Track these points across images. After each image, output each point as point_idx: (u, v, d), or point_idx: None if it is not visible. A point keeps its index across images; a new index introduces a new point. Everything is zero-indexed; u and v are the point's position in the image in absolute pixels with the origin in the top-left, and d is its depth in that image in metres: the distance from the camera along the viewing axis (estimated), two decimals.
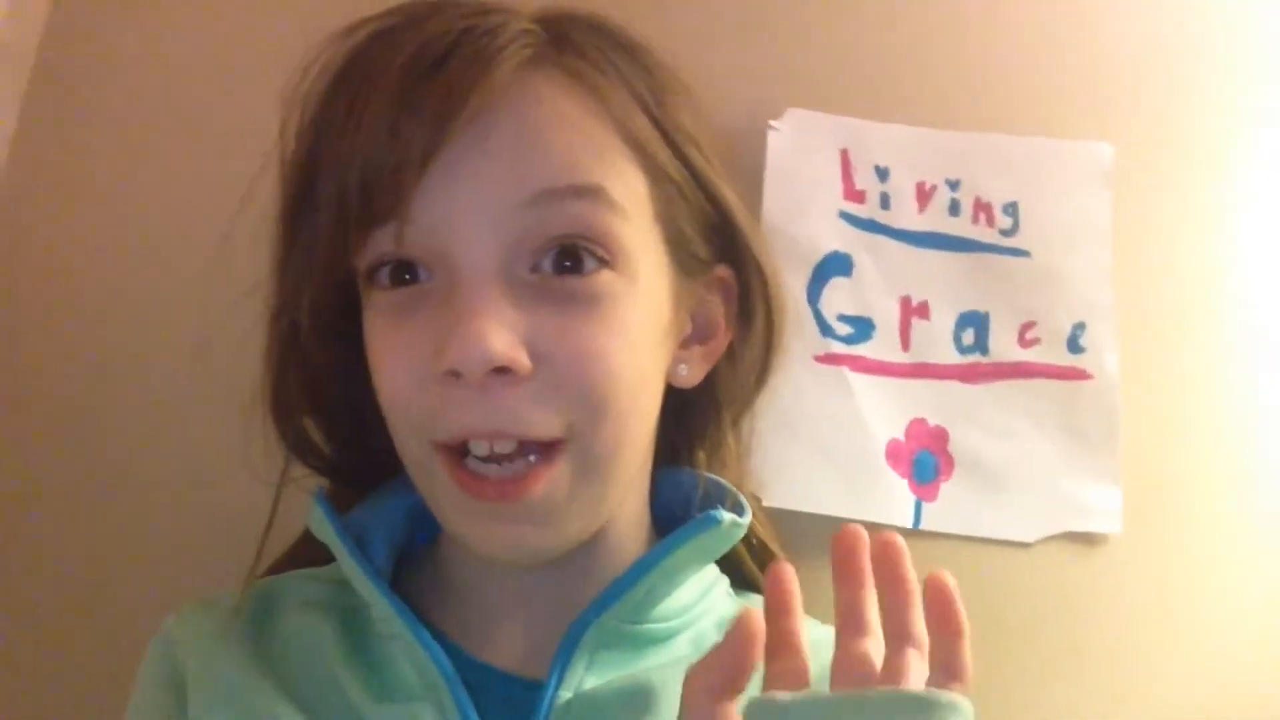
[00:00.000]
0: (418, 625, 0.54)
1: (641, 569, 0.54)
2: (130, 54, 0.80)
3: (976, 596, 0.74)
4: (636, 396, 0.53)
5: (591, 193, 0.51)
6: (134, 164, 0.79)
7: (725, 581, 0.62)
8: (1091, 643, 0.75)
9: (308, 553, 0.63)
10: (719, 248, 0.60)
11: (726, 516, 0.55)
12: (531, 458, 0.50)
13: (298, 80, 0.55)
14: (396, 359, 0.52)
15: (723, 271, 0.61)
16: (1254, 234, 0.80)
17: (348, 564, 0.56)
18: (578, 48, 0.54)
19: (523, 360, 0.49)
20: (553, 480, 0.51)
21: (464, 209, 0.50)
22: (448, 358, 0.48)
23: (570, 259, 0.51)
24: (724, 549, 0.58)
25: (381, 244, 0.51)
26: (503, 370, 0.49)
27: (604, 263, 0.51)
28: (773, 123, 0.78)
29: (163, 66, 0.79)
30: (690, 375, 0.59)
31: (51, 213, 0.80)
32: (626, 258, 0.52)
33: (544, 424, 0.50)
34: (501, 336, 0.49)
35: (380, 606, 0.55)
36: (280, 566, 0.64)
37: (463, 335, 0.48)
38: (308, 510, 0.59)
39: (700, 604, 0.59)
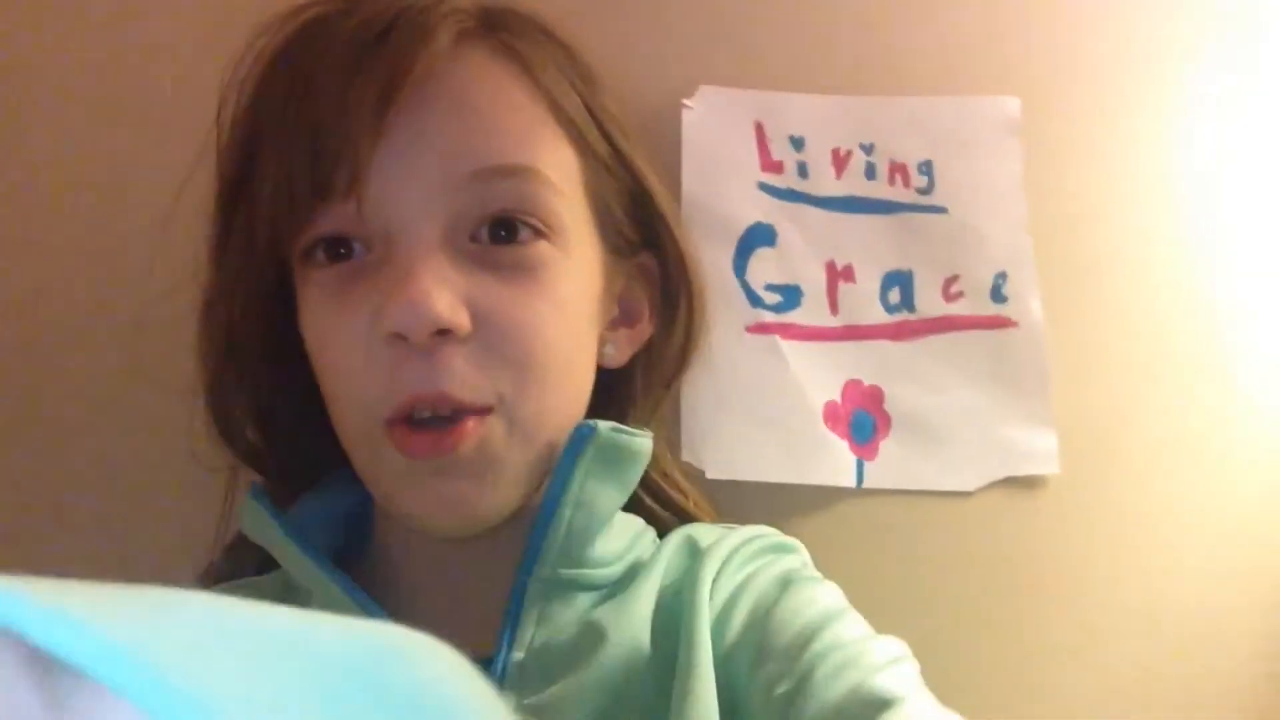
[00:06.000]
0: (368, 601, 0.53)
1: (550, 502, 0.54)
2: (60, 37, 0.78)
3: (923, 548, 0.76)
4: (568, 366, 0.55)
5: (528, 172, 0.53)
6: (67, 151, 0.78)
7: (652, 531, 0.63)
8: (1038, 584, 0.77)
9: (228, 569, 0.63)
10: (643, 231, 0.62)
11: (602, 424, 0.55)
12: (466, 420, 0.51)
13: (236, 64, 0.56)
14: (340, 331, 0.52)
15: (646, 258, 0.63)
16: (1159, 171, 0.82)
17: (288, 551, 0.55)
18: (510, 27, 0.57)
19: (463, 320, 0.50)
20: (483, 435, 0.51)
21: (407, 183, 0.51)
22: (391, 319, 0.49)
23: (506, 229, 0.53)
24: (633, 468, 0.57)
25: (331, 219, 0.52)
26: (444, 331, 0.50)
27: (540, 234, 0.53)
28: (686, 101, 0.78)
29: (95, 49, 0.78)
30: (617, 356, 0.61)
31: None
32: (561, 231, 0.54)
33: (480, 389, 0.51)
34: (443, 297, 0.50)
35: (325, 589, 0.54)
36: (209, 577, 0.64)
37: (406, 297, 0.49)
38: (241, 514, 0.58)
39: (635, 549, 0.59)
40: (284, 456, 0.62)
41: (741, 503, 0.73)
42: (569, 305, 0.54)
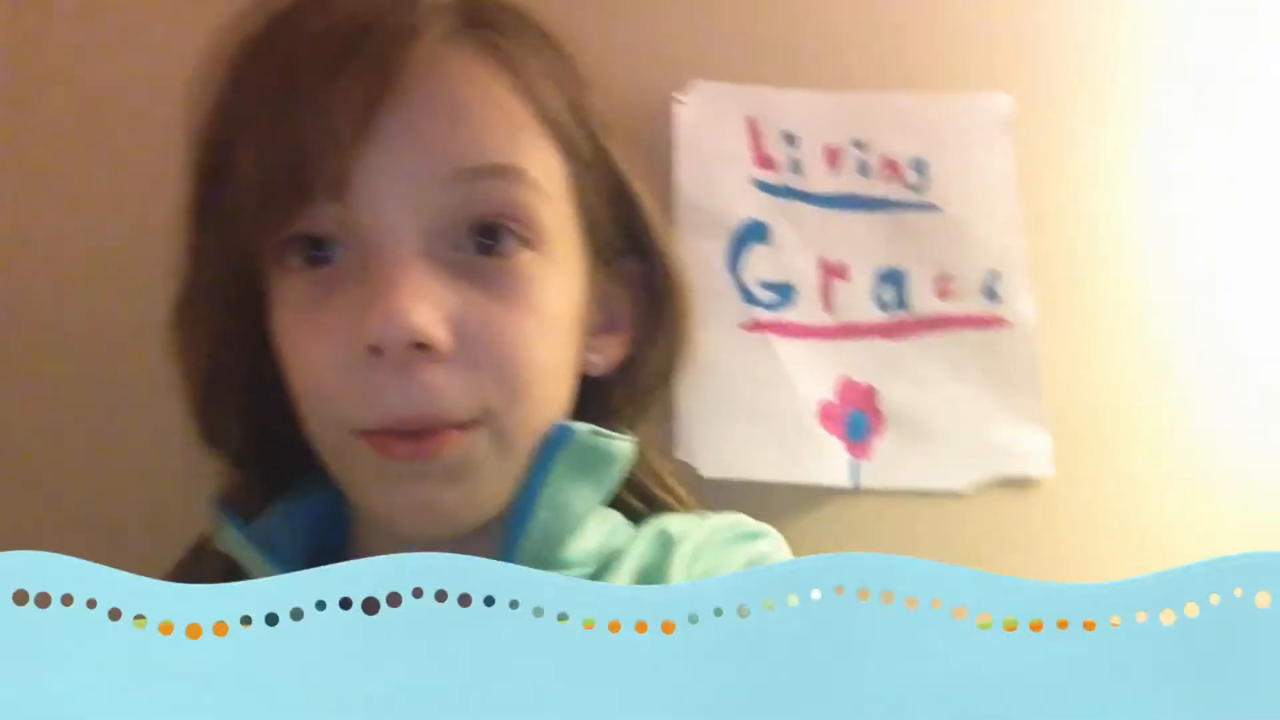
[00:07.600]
0: None
1: (524, 505, 0.52)
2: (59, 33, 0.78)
3: (916, 548, 0.75)
4: (553, 378, 0.53)
5: (513, 173, 0.51)
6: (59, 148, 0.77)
7: (629, 525, 0.61)
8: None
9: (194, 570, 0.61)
10: (627, 236, 0.60)
11: (581, 427, 0.53)
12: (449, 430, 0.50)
13: (207, 59, 0.54)
14: (314, 345, 0.51)
15: (630, 263, 0.61)
16: (1152, 169, 0.82)
17: (254, 562, 0.54)
18: (495, 25, 0.55)
19: (443, 336, 0.48)
20: (465, 445, 0.50)
21: (391, 184, 0.49)
22: (370, 331, 0.47)
23: (490, 237, 0.51)
24: (611, 471, 0.56)
25: (311, 219, 0.50)
26: (424, 347, 0.48)
27: (525, 242, 0.51)
28: (679, 96, 0.77)
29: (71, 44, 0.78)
30: (602, 364, 0.59)
31: None
32: (547, 239, 0.52)
33: (462, 406, 0.49)
34: (423, 311, 0.48)
35: None
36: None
37: (385, 309, 0.47)
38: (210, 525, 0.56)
39: (609, 543, 0.57)
40: (270, 454, 0.60)
41: (735, 502, 0.71)
42: (554, 317, 0.53)
